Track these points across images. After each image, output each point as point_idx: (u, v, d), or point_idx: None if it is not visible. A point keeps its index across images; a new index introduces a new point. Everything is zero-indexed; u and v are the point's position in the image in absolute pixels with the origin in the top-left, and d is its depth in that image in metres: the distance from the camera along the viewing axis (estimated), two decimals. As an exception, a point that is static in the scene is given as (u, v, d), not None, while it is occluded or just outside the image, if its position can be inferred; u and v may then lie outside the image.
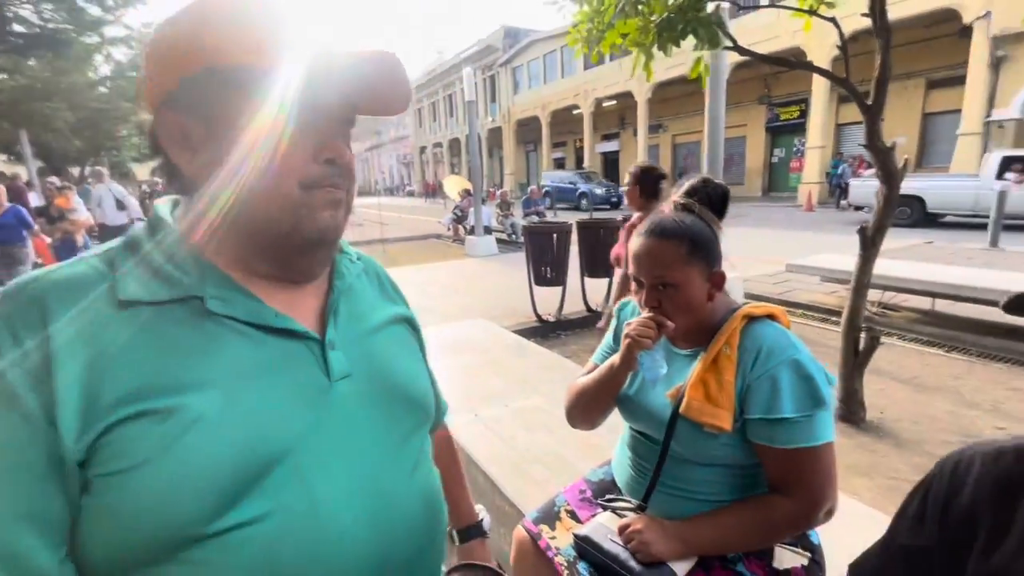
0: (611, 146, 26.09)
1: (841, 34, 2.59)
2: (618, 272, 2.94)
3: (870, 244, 2.66)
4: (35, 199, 12.26)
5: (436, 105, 39.32)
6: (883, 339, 3.65)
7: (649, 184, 2.75)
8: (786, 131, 18.20)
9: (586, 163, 24.76)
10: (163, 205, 0.55)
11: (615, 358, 1.03)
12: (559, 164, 26.89)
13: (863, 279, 2.70)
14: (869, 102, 2.50)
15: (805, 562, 0.97)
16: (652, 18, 2.45)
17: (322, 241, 0.54)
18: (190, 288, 0.49)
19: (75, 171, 22.97)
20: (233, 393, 0.47)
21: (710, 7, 2.55)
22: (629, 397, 1.07)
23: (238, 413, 0.47)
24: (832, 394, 0.90)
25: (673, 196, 1.06)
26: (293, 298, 0.56)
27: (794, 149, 17.83)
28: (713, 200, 1.04)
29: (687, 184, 1.07)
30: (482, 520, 0.81)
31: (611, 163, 26.34)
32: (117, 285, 0.47)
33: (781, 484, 0.91)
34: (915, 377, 3.41)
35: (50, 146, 18.97)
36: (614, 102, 23.00)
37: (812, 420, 0.87)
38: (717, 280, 0.99)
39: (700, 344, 1.00)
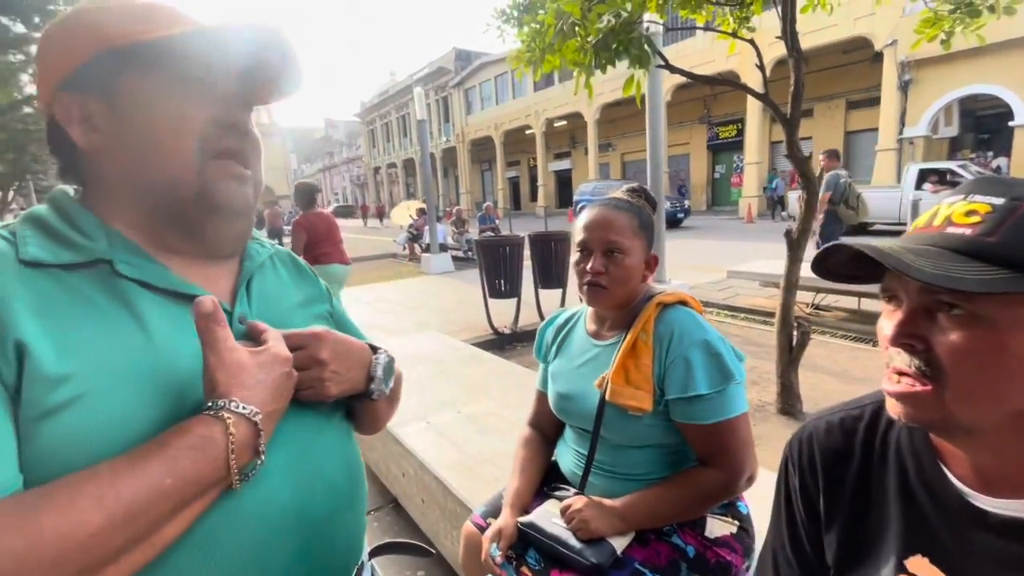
0: (563, 164, 26.78)
1: (759, 53, 2.82)
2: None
3: (796, 246, 2.86)
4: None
5: (389, 126, 39.25)
6: (815, 336, 3.91)
7: (304, 196, 4.50)
8: (726, 148, 19.26)
9: (540, 181, 25.26)
10: (62, 187, 0.56)
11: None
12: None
13: (792, 278, 2.90)
14: (787, 116, 2.72)
15: (734, 530, 1.04)
16: (588, 39, 2.59)
17: (229, 210, 0.56)
18: (96, 252, 0.49)
19: (-4, 196, 21.30)
20: (152, 348, 0.48)
21: (647, 28, 2.72)
22: (562, 396, 1.12)
23: (163, 369, 0.48)
24: (742, 369, 0.98)
25: (616, 193, 1.16)
26: (206, 274, 0.57)
27: (734, 165, 18.86)
28: (648, 202, 1.16)
29: (627, 186, 1.18)
30: None
31: (564, 181, 27.00)
32: (19, 248, 0.47)
33: (705, 456, 0.98)
34: (845, 371, 3.65)
35: (-34, 170, 17.56)
36: (564, 122, 23.72)
37: (725, 394, 0.94)
38: (652, 262, 1.08)
39: (620, 332, 1.07)
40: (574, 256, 1.08)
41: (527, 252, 4.86)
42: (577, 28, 2.56)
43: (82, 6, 0.52)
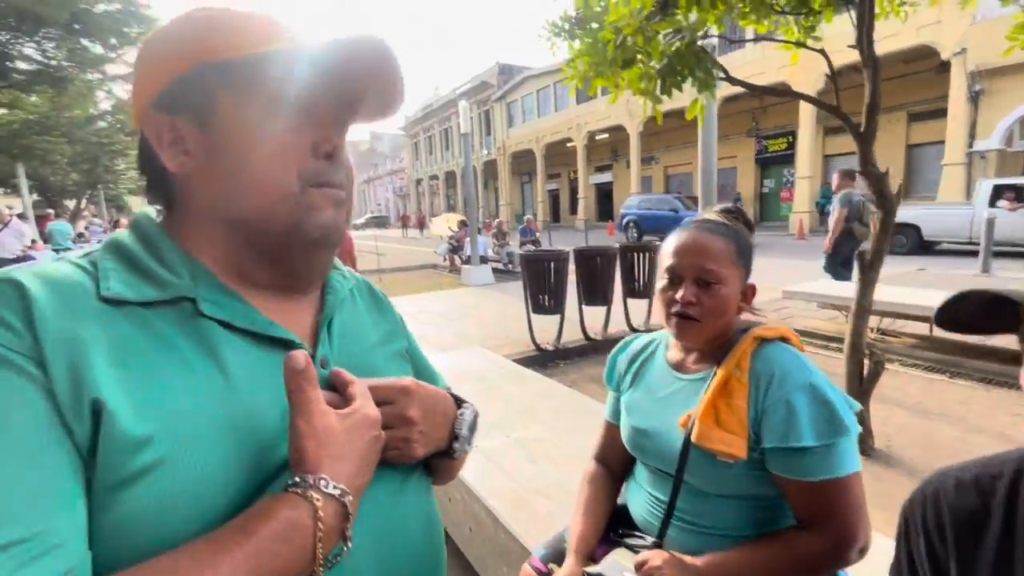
0: (605, 177, 26.56)
1: (830, 64, 2.65)
2: None
3: (869, 267, 2.66)
4: (28, 231, 12.23)
5: (432, 139, 40.09)
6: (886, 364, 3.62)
7: None
8: (775, 162, 18.62)
9: (580, 194, 25.13)
10: (146, 210, 0.52)
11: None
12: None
13: (864, 302, 2.69)
14: (861, 129, 2.54)
15: (833, 600, 0.91)
16: (652, 64, 2.51)
17: (324, 241, 0.51)
18: (181, 289, 0.45)
19: (71, 203, 23.13)
20: (234, 399, 0.43)
21: (704, 44, 2.61)
22: (638, 431, 1.02)
23: (246, 423, 0.43)
24: (855, 420, 0.86)
25: (708, 213, 1.06)
26: (288, 310, 0.53)
27: (784, 180, 18.19)
28: (746, 225, 1.06)
29: (720, 206, 1.07)
30: None
31: (605, 194, 26.77)
32: (100, 283, 0.42)
33: (808, 519, 0.86)
34: (919, 403, 3.36)
35: (47, 179, 19.11)
36: (606, 135, 23.57)
37: (835, 449, 0.82)
38: (749, 293, 0.98)
39: (709, 366, 0.96)
40: (660, 282, 0.98)
41: (571, 267, 4.77)
42: (640, 56, 2.48)
43: (175, 18, 0.48)
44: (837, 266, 5.58)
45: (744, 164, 19.46)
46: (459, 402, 0.63)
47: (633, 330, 5.18)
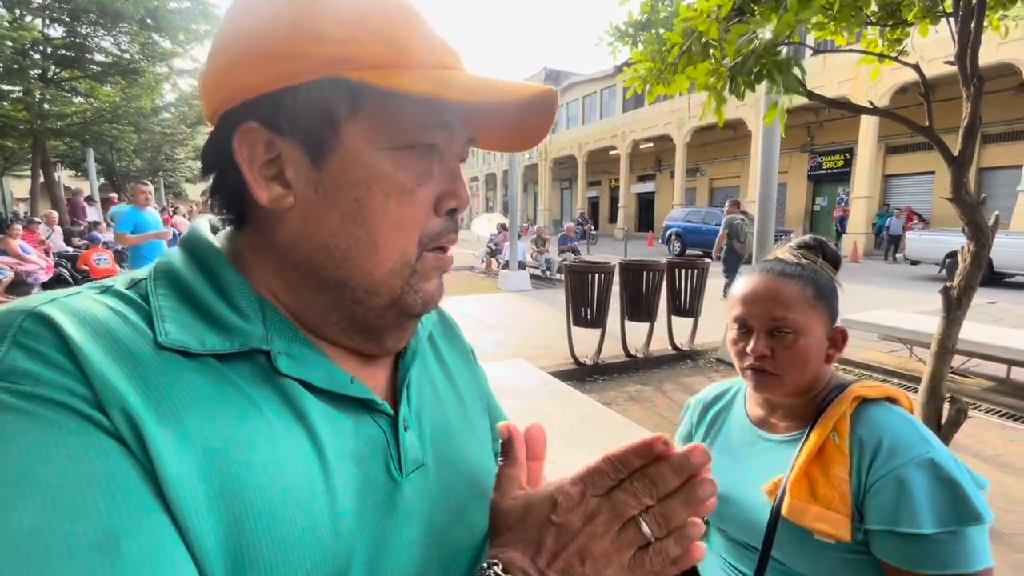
0: (647, 187, 26.14)
1: (924, 80, 2.44)
2: None
3: (955, 305, 2.42)
4: (93, 213, 12.95)
5: (475, 141, 40.45)
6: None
7: None
8: (829, 180, 17.85)
9: (621, 203, 24.77)
10: (202, 225, 0.42)
11: None
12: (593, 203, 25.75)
13: (947, 343, 2.45)
14: (956, 154, 2.32)
15: None
16: (724, 62, 2.37)
17: (424, 313, 0.43)
18: (253, 339, 0.36)
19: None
20: (327, 479, 0.35)
21: (785, 51, 2.45)
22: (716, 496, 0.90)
23: (320, 507, 0.34)
24: (986, 504, 0.72)
25: (780, 251, 0.93)
26: (364, 364, 0.44)
27: (838, 199, 17.41)
28: (828, 260, 0.92)
29: (797, 240, 0.95)
30: None
31: (646, 204, 26.33)
32: (155, 325, 0.33)
33: None
34: (998, 455, 3.06)
35: (113, 164, 20.28)
36: (651, 144, 23.19)
37: (961, 539, 0.69)
38: (838, 338, 0.86)
39: (799, 426, 0.85)
40: (731, 332, 0.88)
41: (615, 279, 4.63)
42: (712, 50, 2.34)
43: None
44: (725, 273, 7.50)
45: (795, 180, 18.73)
46: None
47: (676, 349, 4.99)
